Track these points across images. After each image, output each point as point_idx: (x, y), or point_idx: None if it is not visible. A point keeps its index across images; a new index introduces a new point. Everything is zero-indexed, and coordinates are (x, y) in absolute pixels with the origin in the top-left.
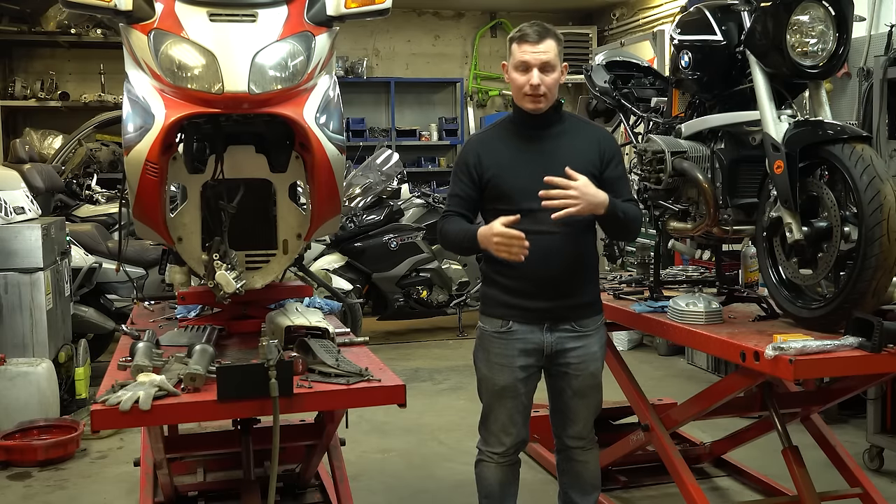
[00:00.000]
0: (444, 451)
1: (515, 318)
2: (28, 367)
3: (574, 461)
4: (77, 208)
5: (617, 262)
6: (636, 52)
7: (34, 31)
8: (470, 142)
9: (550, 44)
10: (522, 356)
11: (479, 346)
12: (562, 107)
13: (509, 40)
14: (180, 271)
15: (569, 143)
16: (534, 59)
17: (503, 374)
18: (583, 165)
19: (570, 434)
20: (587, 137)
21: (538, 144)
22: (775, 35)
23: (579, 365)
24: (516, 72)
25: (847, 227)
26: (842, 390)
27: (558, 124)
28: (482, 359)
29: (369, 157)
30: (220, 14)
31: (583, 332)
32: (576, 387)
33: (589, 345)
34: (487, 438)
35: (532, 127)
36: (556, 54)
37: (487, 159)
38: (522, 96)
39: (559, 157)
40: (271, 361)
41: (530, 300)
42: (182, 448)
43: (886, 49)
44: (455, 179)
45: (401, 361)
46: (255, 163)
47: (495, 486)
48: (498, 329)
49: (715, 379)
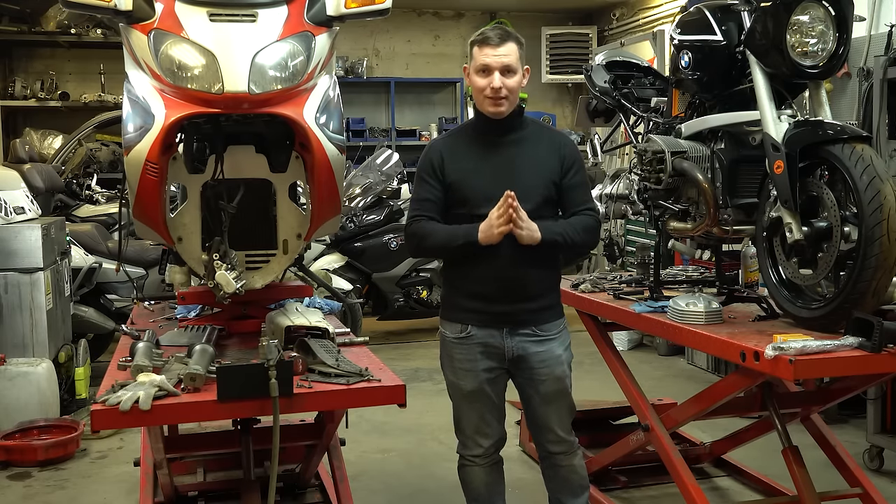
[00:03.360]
0: (444, 450)
1: (474, 322)
2: (28, 367)
3: (559, 467)
4: (77, 208)
5: (617, 262)
6: (636, 52)
7: (34, 31)
8: (433, 145)
9: (511, 47)
10: (484, 359)
11: (443, 351)
12: (523, 112)
13: (470, 44)
14: (180, 271)
15: (529, 149)
16: (495, 62)
17: (468, 378)
18: (542, 172)
19: (549, 440)
20: (548, 144)
21: (499, 150)
22: (775, 35)
23: (543, 370)
24: (477, 75)
25: (847, 227)
26: (842, 390)
27: (519, 130)
28: (447, 364)
29: (369, 157)
30: (220, 14)
31: (544, 336)
32: (542, 392)
33: (552, 349)
34: (465, 442)
35: (493, 132)
36: (518, 58)
37: (450, 163)
38: (483, 99)
39: (519, 165)
40: (271, 361)
41: (488, 304)
42: (182, 448)
43: (886, 49)
44: (421, 183)
45: (401, 361)
46: (255, 163)
47: (481, 487)
48: (458, 334)
49: (715, 379)
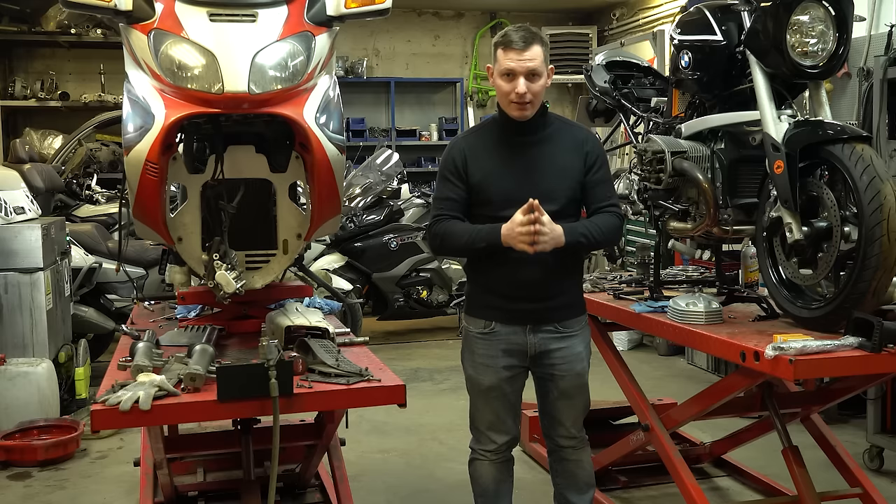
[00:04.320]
0: (444, 450)
1: (498, 319)
2: (28, 367)
3: (567, 461)
4: (77, 208)
5: (617, 262)
6: (636, 52)
7: (34, 31)
8: (455, 143)
9: (536, 50)
10: (506, 357)
11: (465, 346)
12: (547, 111)
13: (494, 45)
14: (180, 271)
15: (553, 149)
16: (519, 67)
17: (487, 374)
18: (567, 173)
19: (560, 434)
20: (571, 142)
21: (523, 151)
22: (775, 35)
23: (564, 366)
24: (501, 79)
25: (847, 227)
26: (842, 390)
27: (543, 130)
28: (468, 359)
29: (369, 157)
30: (220, 14)
31: (566, 333)
32: (562, 388)
33: (573, 345)
34: (478, 437)
35: (517, 133)
36: (542, 61)
37: (473, 163)
38: (508, 103)
39: (543, 166)
40: (271, 361)
41: (513, 302)
42: (182, 448)
43: (886, 49)
44: (443, 181)
45: (401, 361)
46: (255, 163)
47: (490, 483)
48: (481, 330)
49: (715, 379)
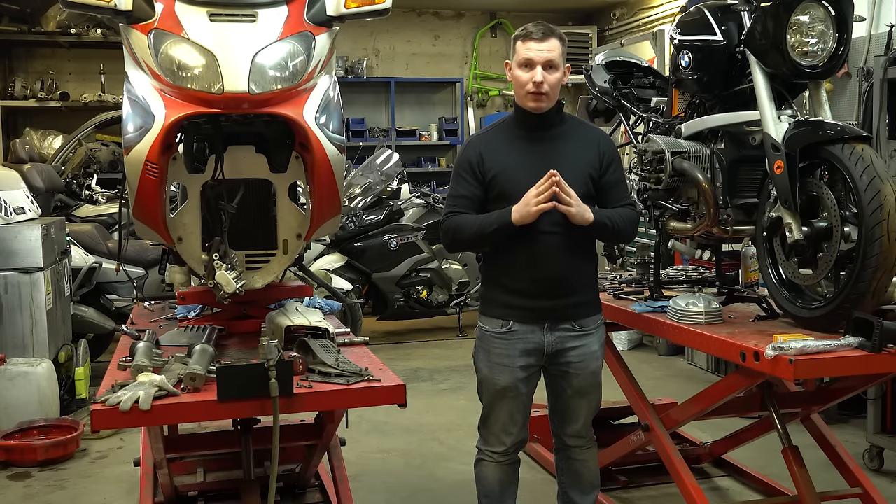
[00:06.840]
0: (444, 450)
1: (516, 318)
2: (28, 367)
3: (573, 460)
4: (77, 208)
5: (617, 262)
6: (636, 52)
7: (34, 31)
8: (472, 141)
9: (554, 43)
10: (523, 356)
11: (480, 346)
12: (563, 108)
13: (514, 39)
14: (180, 271)
15: (569, 145)
16: (538, 57)
17: (504, 374)
18: (582, 168)
19: (569, 433)
20: (586, 140)
21: (539, 145)
22: (775, 35)
23: (579, 364)
24: (520, 69)
25: (847, 227)
26: (842, 390)
27: (559, 126)
28: (483, 359)
29: (369, 157)
30: (220, 14)
31: (583, 332)
32: (576, 386)
33: (589, 343)
34: (487, 438)
35: (533, 127)
36: (560, 54)
37: (490, 159)
38: (525, 94)
39: (560, 159)
40: (271, 361)
41: (530, 300)
42: (182, 448)
43: (886, 49)
44: (458, 179)
45: (401, 361)
46: (255, 163)
47: (495, 485)
48: (498, 329)
49: (715, 379)
